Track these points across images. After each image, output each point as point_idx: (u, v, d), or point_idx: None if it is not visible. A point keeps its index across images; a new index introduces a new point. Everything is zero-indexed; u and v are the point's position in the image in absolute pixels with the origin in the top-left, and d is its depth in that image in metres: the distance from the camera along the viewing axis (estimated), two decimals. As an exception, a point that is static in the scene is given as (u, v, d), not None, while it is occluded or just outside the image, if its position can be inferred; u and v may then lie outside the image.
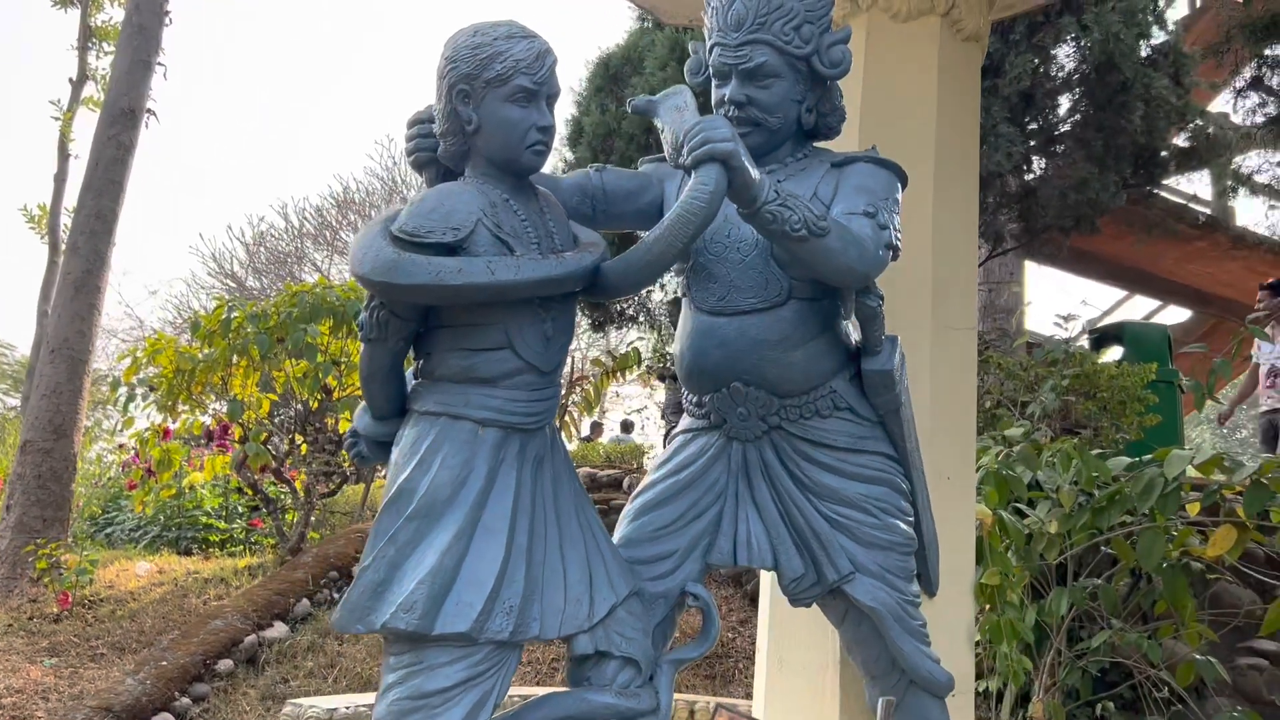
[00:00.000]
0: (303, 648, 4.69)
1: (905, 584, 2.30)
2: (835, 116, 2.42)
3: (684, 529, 2.32)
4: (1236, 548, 3.34)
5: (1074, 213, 6.56)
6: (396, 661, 1.93)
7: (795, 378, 2.24)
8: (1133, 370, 5.34)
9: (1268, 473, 3.21)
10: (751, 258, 2.25)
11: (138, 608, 6.08)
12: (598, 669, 2.09)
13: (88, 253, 7.24)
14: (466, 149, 2.08)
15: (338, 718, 2.86)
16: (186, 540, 8.76)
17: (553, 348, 2.08)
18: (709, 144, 1.91)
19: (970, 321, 3.05)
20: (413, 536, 1.93)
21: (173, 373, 6.90)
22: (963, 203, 3.09)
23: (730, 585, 5.72)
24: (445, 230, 1.92)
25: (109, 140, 7.36)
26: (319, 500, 7.58)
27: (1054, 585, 3.77)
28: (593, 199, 2.38)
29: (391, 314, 1.99)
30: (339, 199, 23.21)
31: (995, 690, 3.80)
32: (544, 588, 2.01)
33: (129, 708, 3.78)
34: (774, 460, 2.30)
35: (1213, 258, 10.21)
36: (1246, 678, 4.05)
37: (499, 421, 2.00)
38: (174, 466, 7.34)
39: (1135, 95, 6.19)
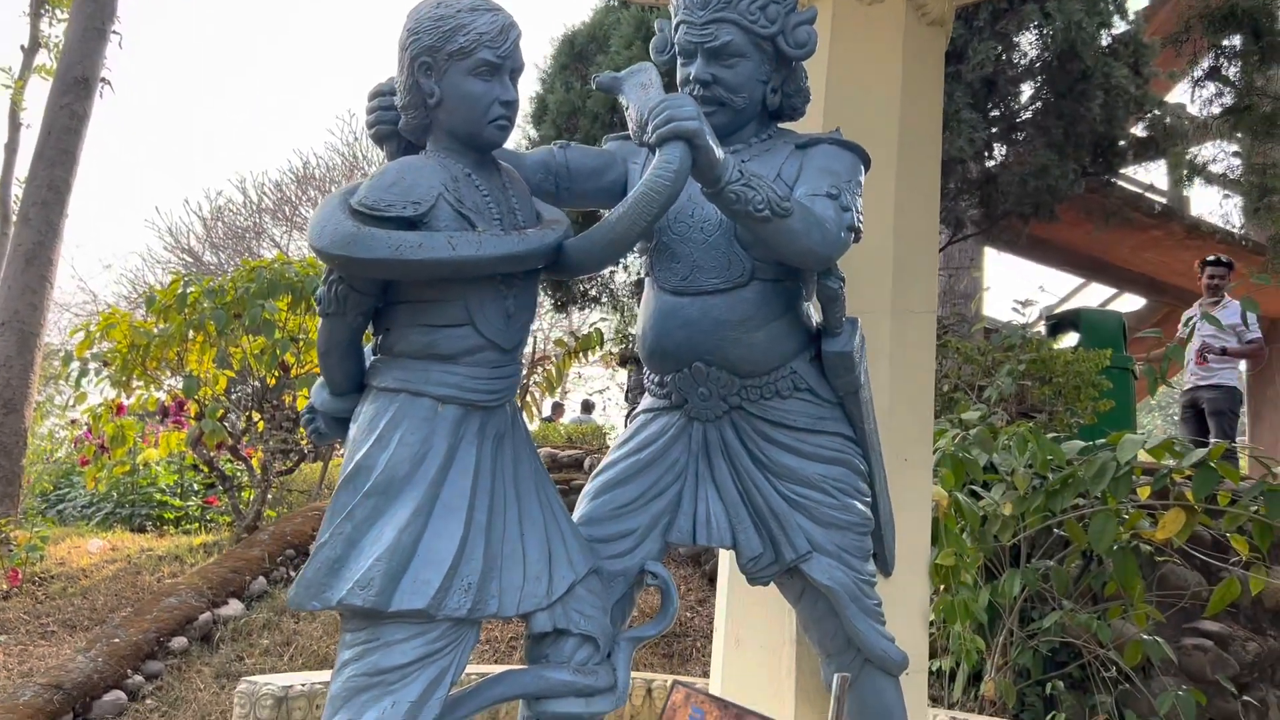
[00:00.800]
0: (258, 625, 4.65)
1: (861, 563, 2.32)
2: (800, 98, 2.43)
3: (644, 508, 2.33)
4: (1185, 530, 3.41)
5: (1033, 200, 6.64)
6: (353, 638, 1.91)
7: (756, 358, 2.25)
8: (1088, 356, 5.43)
9: (1215, 457, 3.28)
10: (715, 238, 2.25)
11: (90, 585, 6.00)
12: (556, 646, 2.09)
13: (39, 224, 7.08)
14: (428, 122, 2.05)
15: (293, 694, 2.83)
16: (140, 517, 8.64)
17: (514, 325, 2.07)
18: (673, 121, 1.91)
19: (931, 305, 3.07)
20: (370, 513, 1.91)
21: (127, 348, 6.78)
22: (925, 186, 3.11)
23: (689, 565, 5.75)
24: (405, 204, 1.90)
25: (62, 109, 7.19)
26: (276, 478, 7.50)
27: (1007, 567, 3.83)
28: (556, 176, 2.37)
29: (350, 288, 1.97)
30: (299, 174, 22.92)
31: (949, 669, 3.86)
32: (503, 565, 2.00)
33: (80, 685, 3.72)
34: (734, 440, 2.31)
35: (1167, 247, 10.36)
36: (1192, 658, 4.15)
37: (459, 399, 1.99)
38: (128, 443, 7.24)
39: (1095, 84, 6.26)
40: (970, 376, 5.39)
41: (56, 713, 3.54)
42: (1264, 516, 3.29)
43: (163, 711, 3.89)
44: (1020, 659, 3.78)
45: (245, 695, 2.79)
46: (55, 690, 3.61)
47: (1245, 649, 4.34)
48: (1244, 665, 4.31)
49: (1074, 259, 11.06)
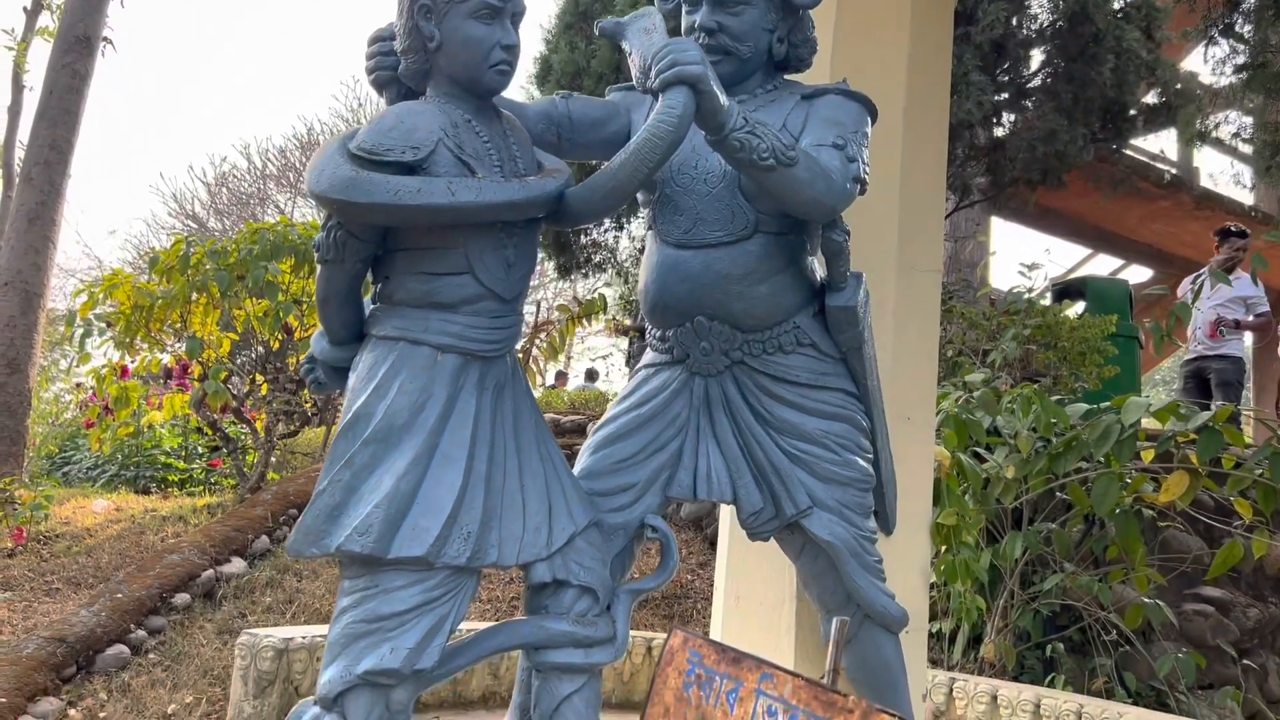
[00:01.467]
0: (261, 583, 4.66)
1: (862, 520, 2.31)
2: (806, 48, 2.40)
3: (645, 462, 2.31)
4: (1188, 494, 3.40)
5: (1041, 166, 6.57)
6: (351, 585, 1.91)
7: (759, 312, 2.23)
8: (1093, 322, 5.40)
9: (1221, 420, 3.26)
10: (719, 190, 2.22)
11: (94, 544, 6.01)
12: (555, 597, 2.09)
13: (42, 183, 7.04)
14: (428, 67, 2.03)
15: (293, 647, 2.84)
16: (145, 479, 8.67)
17: (514, 275, 2.05)
18: (677, 66, 1.87)
19: (936, 264, 3.04)
20: (369, 461, 1.90)
21: (130, 309, 6.77)
22: (932, 144, 3.07)
23: (690, 528, 5.76)
24: (405, 149, 1.88)
25: (63, 68, 7.14)
26: (279, 441, 7.51)
27: (1009, 529, 3.82)
28: (558, 126, 2.34)
29: (349, 235, 1.95)
30: (303, 140, 22.85)
31: (949, 631, 3.86)
32: (503, 515, 2.00)
33: (83, 639, 3.74)
34: (735, 395, 2.29)
35: (1175, 217, 10.30)
36: (1192, 623, 4.15)
37: (458, 348, 1.98)
38: (132, 405, 7.24)
39: (1106, 47, 6.18)
40: (975, 341, 5.37)
41: (60, 665, 3.56)
42: (1269, 480, 3.28)
43: (165, 665, 3.91)
44: (1020, 621, 3.78)
45: (246, 647, 2.80)
46: (59, 643, 3.63)
47: (1246, 615, 4.35)
48: (1244, 631, 4.31)
49: (1081, 229, 11.00)
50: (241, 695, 2.79)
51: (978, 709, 3.30)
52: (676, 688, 1.49)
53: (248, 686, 2.78)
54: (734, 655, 1.44)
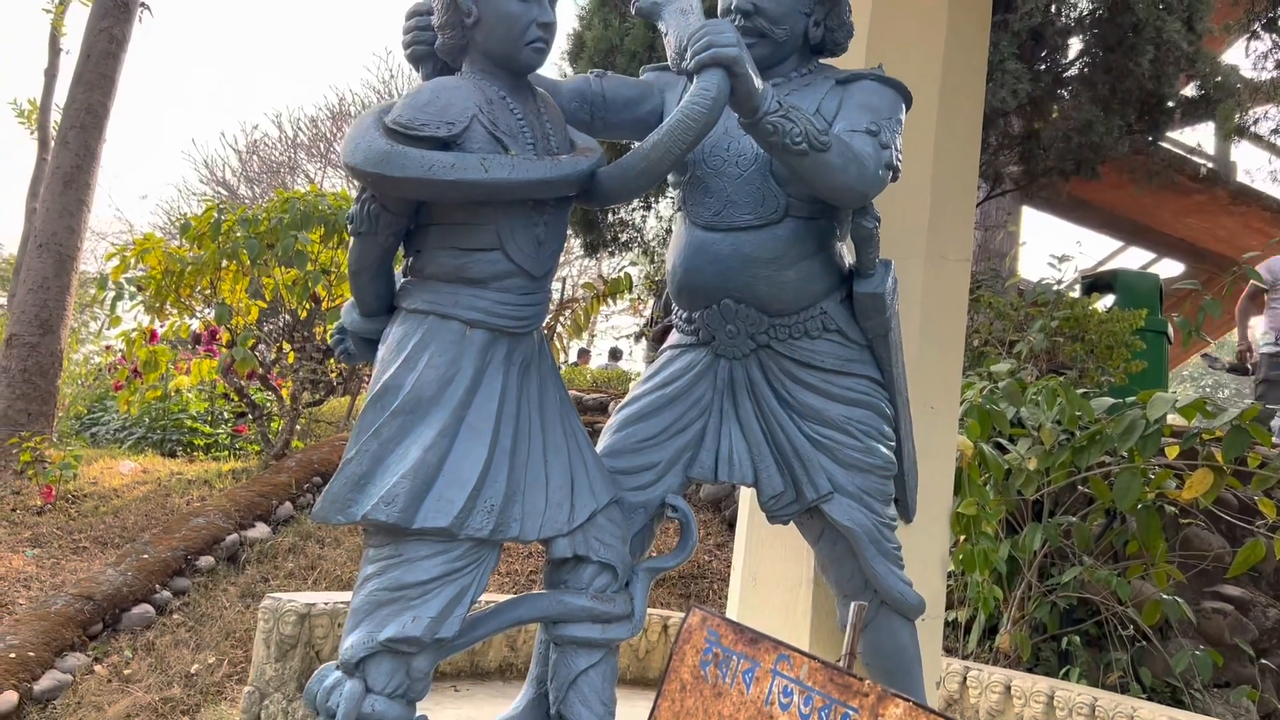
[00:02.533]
0: (284, 549, 4.73)
1: (882, 506, 2.31)
2: (843, 32, 2.39)
3: (667, 442, 2.32)
4: (1212, 491, 3.38)
5: (1075, 157, 6.50)
6: (375, 554, 1.94)
7: (787, 297, 2.23)
8: (1122, 316, 5.35)
9: (1248, 419, 3.24)
10: (750, 172, 2.22)
11: (121, 505, 6.11)
12: (575, 572, 2.11)
13: (77, 147, 7.11)
14: (465, 43, 2.04)
15: (316, 612, 2.89)
16: (171, 443, 8.79)
17: (544, 252, 2.06)
18: (713, 48, 1.87)
19: (965, 253, 3.03)
20: (397, 432, 1.92)
21: (161, 274, 6.84)
22: (966, 132, 3.05)
23: (709, 509, 5.78)
24: (439, 124, 1.89)
25: (100, 33, 7.19)
26: (304, 409, 7.58)
27: (1029, 520, 3.81)
28: (592, 105, 2.35)
29: (382, 208, 1.96)
30: (334, 110, 22.92)
31: (965, 621, 3.87)
32: (526, 490, 2.01)
33: (109, 596, 3.81)
34: (760, 379, 2.30)
35: (1210, 212, 10.18)
36: (1211, 621, 4.13)
37: (487, 323, 1.99)
38: (160, 369, 7.33)
39: (1146, 38, 6.08)
40: (1001, 332, 5.35)
41: (87, 622, 3.63)
42: (1294, 480, 3.27)
43: (189, 626, 3.99)
44: (1037, 613, 3.78)
45: (269, 611, 2.84)
46: (86, 601, 3.70)
47: (1266, 615, 4.32)
48: (1264, 631, 4.29)
49: (1114, 221, 10.89)
50: (264, 658, 2.84)
51: (991, 699, 3.31)
52: (694, 665, 1.50)
53: (270, 650, 2.82)
54: (751, 636, 1.46)
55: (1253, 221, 10.08)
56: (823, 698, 1.29)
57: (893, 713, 1.23)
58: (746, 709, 1.38)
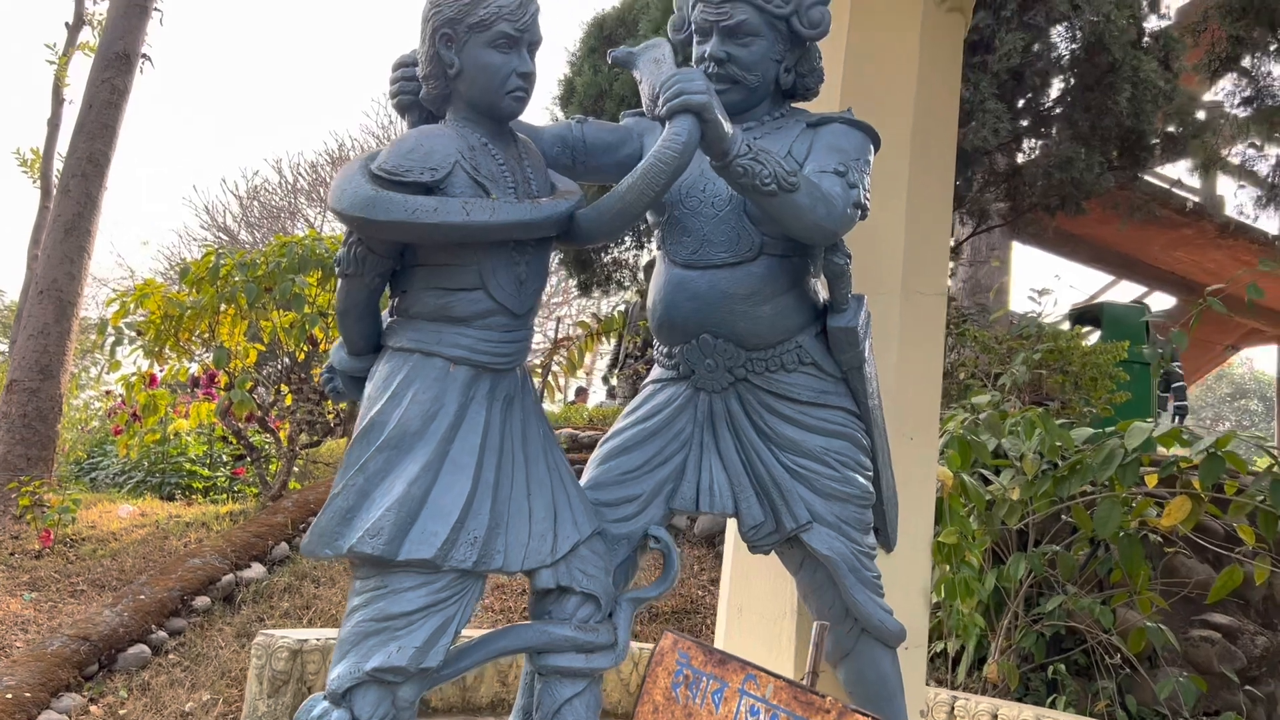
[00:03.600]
0: (279, 588, 4.76)
1: (861, 535, 2.35)
2: (813, 78, 2.47)
3: (649, 474, 2.38)
4: (1190, 518, 3.43)
5: (1059, 193, 6.62)
6: (362, 586, 1.99)
7: (763, 331, 2.29)
8: (1105, 348, 5.43)
9: (1223, 446, 3.30)
10: (725, 212, 2.29)
11: (119, 548, 6.15)
12: (559, 603, 2.16)
13: (79, 195, 7.23)
14: (448, 93, 2.12)
15: (308, 648, 2.93)
16: (170, 486, 8.82)
17: (525, 291, 2.14)
18: (683, 95, 1.95)
19: (940, 287, 3.10)
20: (382, 466, 1.98)
21: (160, 318, 6.93)
22: (939, 171, 3.14)
23: (702, 545, 5.82)
24: (423, 170, 1.97)
25: (103, 84, 7.34)
26: (302, 450, 7.63)
27: (1014, 550, 3.86)
28: (573, 150, 2.42)
29: (368, 250, 2.04)
30: (334, 155, 23.16)
31: (953, 652, 3.90)
32: (509, 522, 2.07)
33: (105, 637, 3.85)
34: (739, 411, 2.36)
35: (1199, 245, 10.30)
36: (1199, 649, 4.16)
37: (470, 360, 2.06)
38: (160, 412, 7.39)
39: (1123, 77, 6.23)
40: (987, 365, 5.42)
41: (83, 662, 3.66)
42: (1269, 506, 3.31)
43: (184, 666, 4.01)
44: (1024, 642, 3.81)
45: (261, 647, 2.88)
46: (82, 641, 3.74)
47: (1254, 643, 4.35)
48: (1252, 659, 4.32)
49: (1104, 255, 11.01)
50: (256, 694, 2.88)
51: (979, 728, 3.33)
52: (665, 687, 1.56)
53: (262, 685, 2.86)
54: (720, 657, 1.51)
55: (1241, 254, 10.20)
56: (787, 714, 1.35)
57: (853, 727, 1.28)
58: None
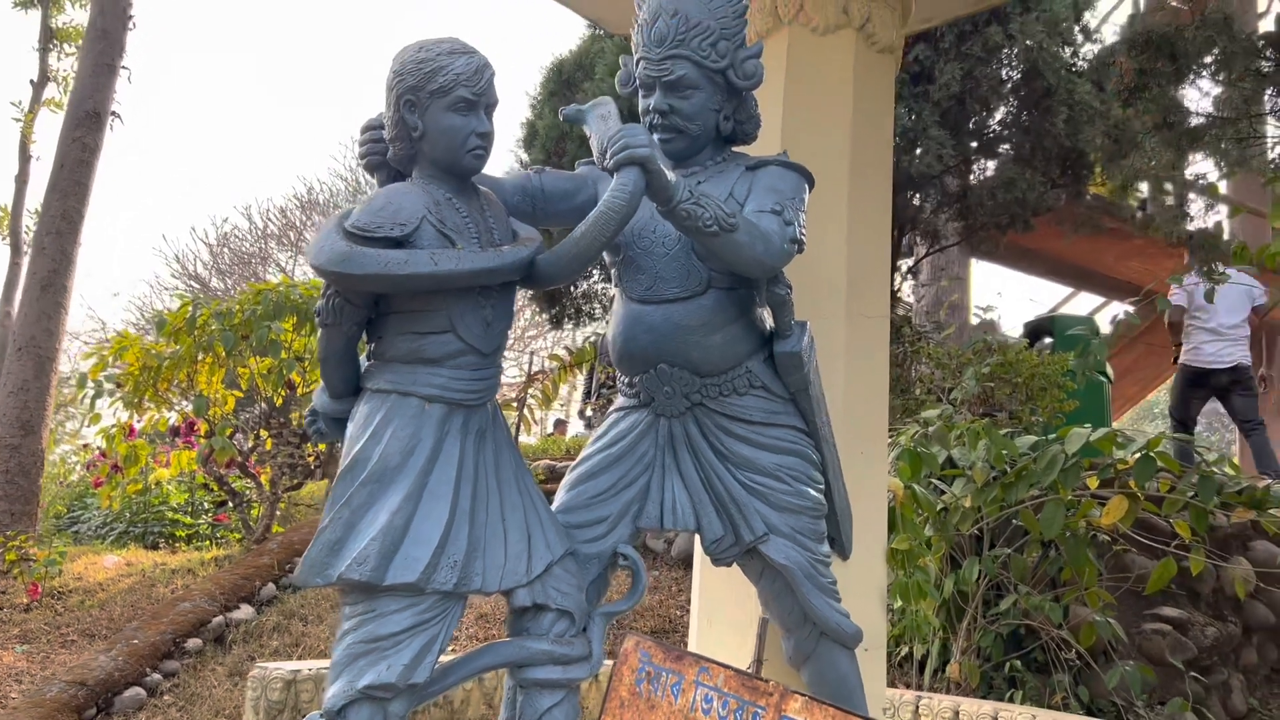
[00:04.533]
0: (268, 628, 4.89)
1: (815, 544, 2.53)
2: (751, 124, 2.67)
3: (616, 496, 2.55)
4: (1128, 516, 3.64)
5: (1007, 211, 6.89)
6: (351, 611, 2.15)
7: (715, 359, 2.48)
8: (1053, 359, 5.67)
9: (1154, 447, 3.51)
10: (675, 251, 2.49)
11: (106, 598, 6.24)
12: (535, 620, 2.32)
13: (54, 253, 7.36)
14: (414, 153, 2.31)
15: (300, 678, 3.07)
16: (154, 535, 8.89)
17: (492, 332, 2.32)
18: (629, 149, 2.15)
19: (883, 310, 3.31)
20: (366, 500, 2.15)
21: (139, 370, 7.05)
22: (876, 202, 3.35)
23: (680, 567, 5.98)
24: (393, 226, 2.16)
25: (74, 142, 7.49)
26: (284, 494, 7.74)
27: (969, 555, 4.05)
28: (533, 198, 2.61)
29: (345, 301, 2.22)
30: (303, 200, 23.31)
31: (918, 655, 4.08)
32: (486, 546, 2.24)
33: (102, 682, 3.96)
34: (696, 433, 2.54)
35: (1151, 255, 10.58)
36: (1151, 641, 4.36)
37: (443, 398, 2.23)
38: (141, 462, 7.49)
39: (1059, 100, 6.54)
40: (941, 380, 5.64)
41: (81, 707, 3.78)
42: (1199, 502, 3.52)
43: (180, 706, 4.13)
44: (983, 642, 4.00)
45: (257, 680, 3.03)
46: (79, 687, 3.85)
47: (1205, 634, 4.55)
48: (1203, 649, 4.52)
49: (1060, 268, 11.29)
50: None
51: (944, 725, 3.51)
52: (630, 684, 1.73)
53: (259, 716, 3.00)
54: (677, 654, 1.68)
55: (1191, 261, 10.50)
56: (736, 700, 1.52)
57: (793, 707, 1.46)
58: (675, 717, 1.60)
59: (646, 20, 2.54)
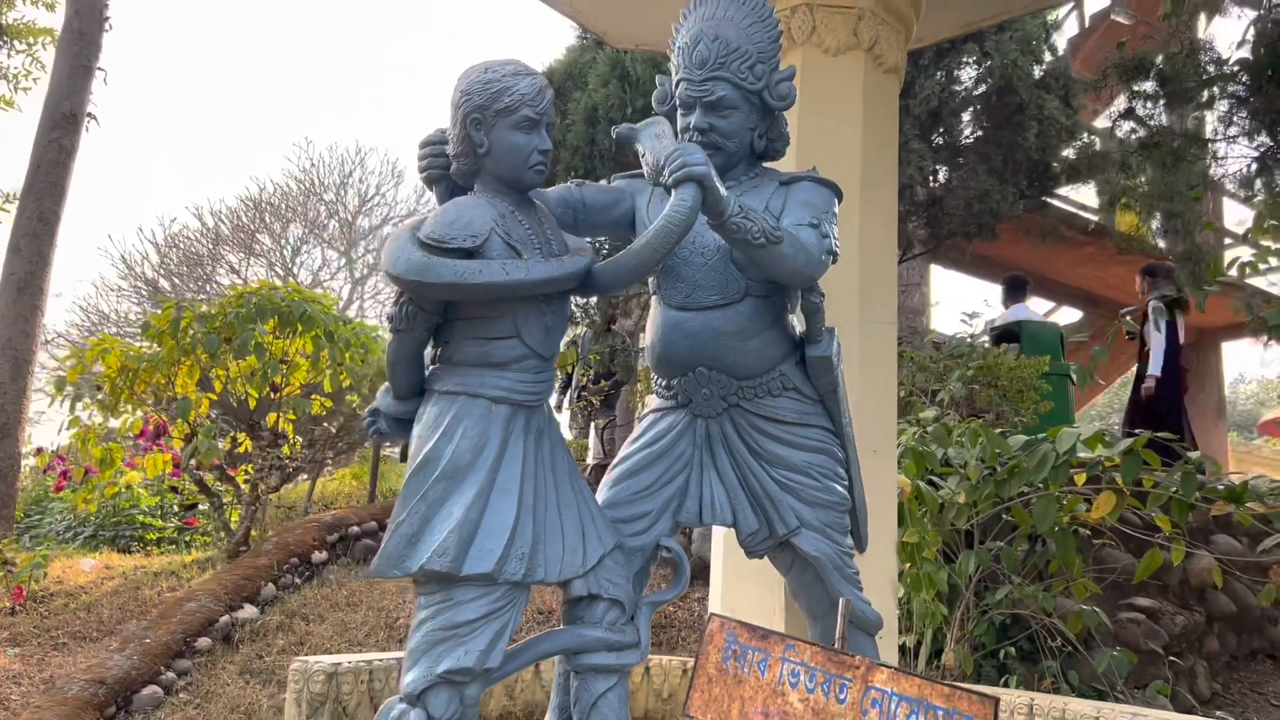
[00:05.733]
0: (272, 627, 4.94)
1: (842, 537, 2.70)
2: (781, 141, 2.84)
3: (657, 493, 2.69)
4: (1115, 511, 3.87)
5: (976, 221, 7.17)
6: (427, 600, 2.27)
7: (750, 363, 2.64)
8: (1029, 363, 5.94)
9: (1140, 445, 3.75)
10: (714, 261, 2.64)
11: (91, 600, 6.23)
12: (589, 609, 2.46)
13: (30, 254, 7.31)
14: (477, 168, 2.43)
15: (341, 670, 3.17)
16: (124, 539, 8.82)
17: (552, 337, 2.46)
18: (687, 167, 2.30)
19: (891, 316, 3.51)
20: (441, 495, 2.27)
21: (116, 373, 7.02)
22: (884, 213, 3.55)
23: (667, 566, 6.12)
24: (466, 237, 2.28)
25: (50, 143, 7.44)
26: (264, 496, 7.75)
27: (963, 548, 4.26)
28: (575, 210, 2.75)
29: (419, 308, 2.34)
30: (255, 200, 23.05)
31: (912, 644, 4.28)
32: (546, 539, 2.37)
33: (120, 680, 4.01)
34: (732, 433, 2.69)
35: (1100, 262, 11.00)
36: (1127, 629, 4.62)
37: (509, 399, 2.36)
38: (116, 465, 7.45)
39: (1030, 115, 6.83)
40: (924, 383, 5.87)
41: (102, 704, 3.82)
42: (1181, 496, 3.77)
43: (196, 704, 4.19)
44: (976, 631, 4.22)
45: (298, 672, 3.11)
46: (99, 685, 3.90)
47: (1174, 622, 4.83)
48: (1173, 636, 4.80)
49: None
50: (295, 715, 3.10)
51: (940, 710, 3.68)
52: (717, 661, 1.88)
53: (301, 708, 3.09)
54: (763, 633, 1.84)
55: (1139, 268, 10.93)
56: (823, 674, 1.68)
57: (879, 678, 1.63)
58: (763, 690, 1.76)
59: (687, 44, 2.69)
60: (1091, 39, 10.34)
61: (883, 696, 1.62)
